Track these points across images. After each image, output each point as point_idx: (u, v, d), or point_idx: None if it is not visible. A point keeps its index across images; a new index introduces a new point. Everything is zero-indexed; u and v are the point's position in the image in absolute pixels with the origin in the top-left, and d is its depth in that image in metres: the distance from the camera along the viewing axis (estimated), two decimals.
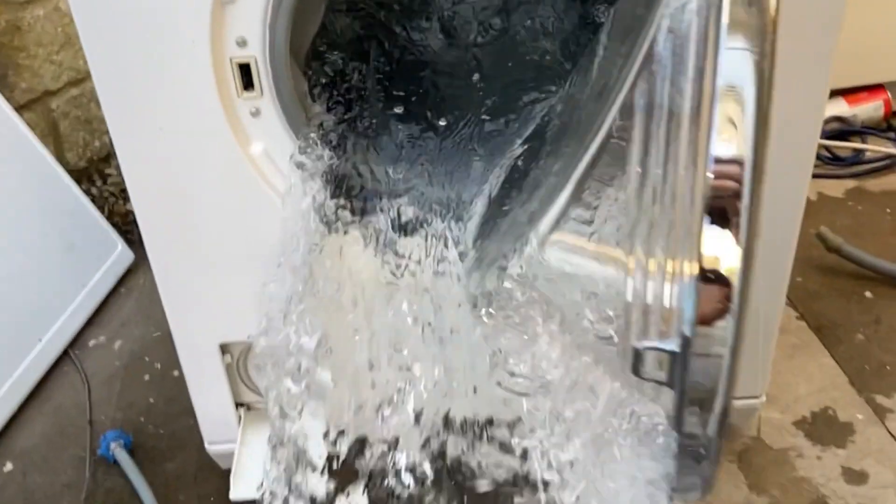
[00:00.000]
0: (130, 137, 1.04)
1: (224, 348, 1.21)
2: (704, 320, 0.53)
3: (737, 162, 0.56)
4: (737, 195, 0.56)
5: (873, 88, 2.21)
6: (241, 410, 1.28)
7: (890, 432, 1.40)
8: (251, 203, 1.08)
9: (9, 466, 1.44)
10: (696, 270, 0.53)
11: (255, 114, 1.03)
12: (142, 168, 1.06)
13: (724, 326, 0.54)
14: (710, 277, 0.54)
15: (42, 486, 1.41)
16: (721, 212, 0.55)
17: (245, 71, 1.01)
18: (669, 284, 0.60)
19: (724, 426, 0.57)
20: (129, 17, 0.95)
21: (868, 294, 1.69)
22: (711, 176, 0.55)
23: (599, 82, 0.87)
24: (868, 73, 2.20)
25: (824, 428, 1.41)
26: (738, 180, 0.56)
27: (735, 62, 0.55)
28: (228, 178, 1.06)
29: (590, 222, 0.76)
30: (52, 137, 2.04)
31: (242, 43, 0.99)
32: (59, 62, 2.03)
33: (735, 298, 0.54)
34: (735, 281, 0.54)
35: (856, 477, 1.32)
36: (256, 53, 1.00)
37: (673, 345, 0.56)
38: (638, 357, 0.59)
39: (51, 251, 1.68)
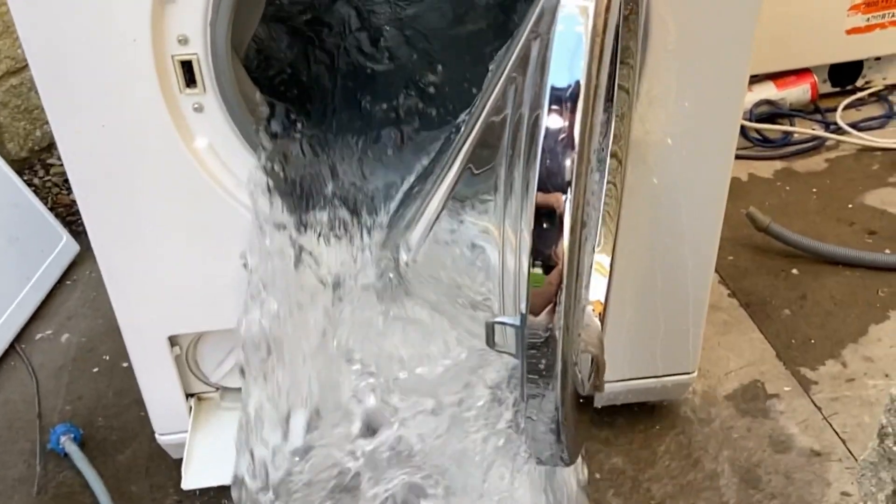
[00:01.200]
0: (73, 134, 1.05)
1: (172, 340, 1.23)
2: (536, 301, 0.57)
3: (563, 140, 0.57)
4: (562, 186, 0.57)
5: (800, 72, 2.30)
6: (192, 401, 1.31)
7: (814, 403, 1.48)
8: (196, 196, 1.10)
9: None
10: (528, 251, 0.57)
11: (199, 109, 1.05)
12: (85, 163, 1.07)
13: (555, 307, 0.57)
14: (539, 258, 0.56)
15: None
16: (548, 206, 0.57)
17: (187, 68, 1.02)
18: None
19: (564, 398, 0.61)
20: (68, 15, 0.96)
21: (795, 271, 1.78)
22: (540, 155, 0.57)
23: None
24: (795, 57, 2.28)
25: (753, 401, 1.49)
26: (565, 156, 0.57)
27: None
28: (173, 173, 1.08)
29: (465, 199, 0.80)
30: None
31: (184, 41, 1.00)
32: None
33: (562, 281, 0.57)
34: (561, 264, 0.56)
35: (783, 446, 1.40)
36: (198, 51, 1.01)
37: (516, 320, 0.60)
38: (490, 330, 0.63)
39: None
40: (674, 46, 1.05)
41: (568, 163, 0.54)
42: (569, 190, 0.54)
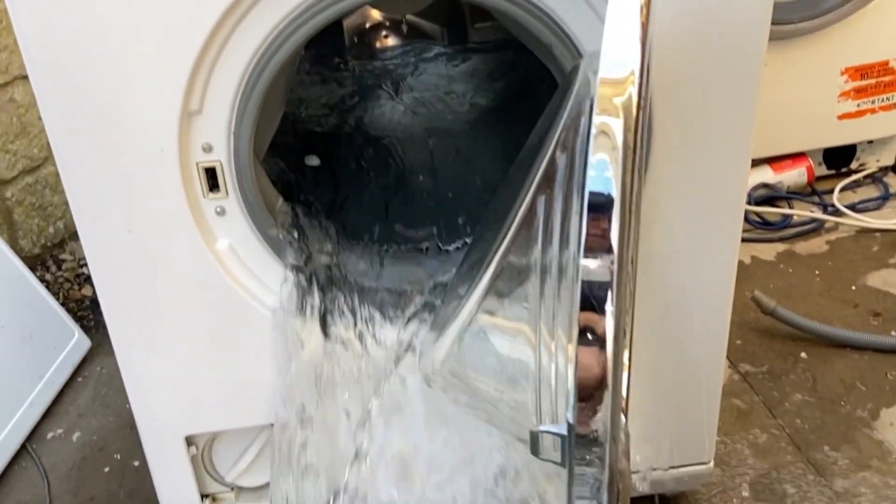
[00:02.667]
0: (99, 238, 1.07)
1: (189, 439, 1.23)
2: (583, 411, 0.58)
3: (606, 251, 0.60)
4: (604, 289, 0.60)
5: (796, 156, 2.36)
6: (206, 502, 1.30)
7: (832, 489, 1.47)
8: (216, 296, 1.12)
9: None
10: (572, 362, 0.58)
11: (221, 212, 1.09)
12: (109, 265, 1.09)
13: (603, 413, 0.59)
14: (584, 370, 0.58)
15: None
16: (590, 301, 0.59)
17: (211, 174, 1.06)
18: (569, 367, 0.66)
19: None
20: (100, 128, 1.00)
21: (803, 354, 1.79)
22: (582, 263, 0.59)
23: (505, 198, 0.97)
24: (790, 142, 2.34)
25: (770, 488, 1.48)
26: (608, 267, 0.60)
27: (599, 180, 0.61)
28: (194, 274, 1.10)
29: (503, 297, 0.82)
30: (7, 225, 2.05)
31: (208, 148, 1.04)
32: (14, 151, 2.05)
33: (609, 387, 0.59)
34: (606, 376, 0.58)
35: None
36: (221, 158, 1.05)
37: (562, 429, 0.61)
38: (535, 439, 0.64)
39: (8, 344, 1.68)
40: (677, 142, 1.09)
41: (608, 278, 0.56)
42: (610, 306, 0.56)
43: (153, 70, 0.98)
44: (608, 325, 0.56)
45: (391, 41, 1.75)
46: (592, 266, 0.56)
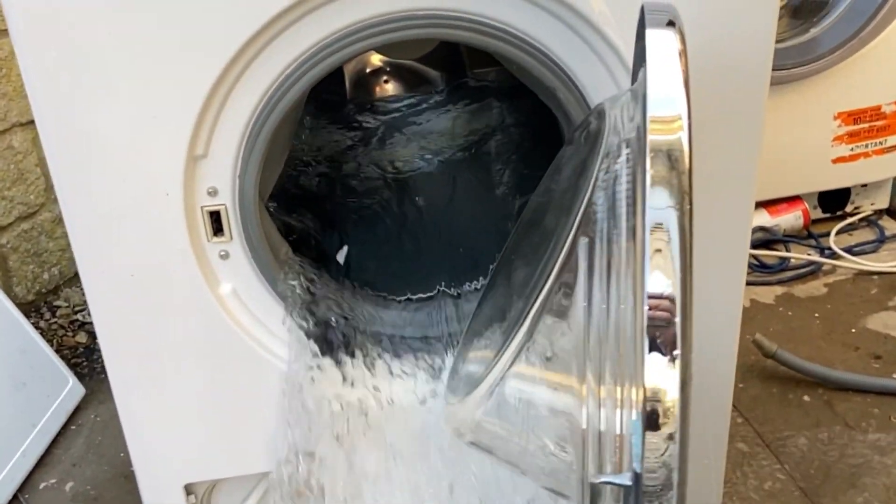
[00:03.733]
0: (101, 281, 1.06)
1: (188, 488, 1.20)
2: (651, 460, 0.57)
3: (667, 298, 0.60)
4: (670, 326, 0.60)
5: (792, 199, 2.37)
6: None
7: None
8: (219, 341, 1.11)
9: None
10: (639, 407, 0.58)
11: (225, 256, 1.08)
12: (110, 309, 1.08)
13: (670, 460, 0.58)
14: (653, 414, 0.58)
15: None
16: (658, 342, 0.59)
17: (215, 218, 1.06)
18: (619, 413, 0.65)
19: None
20: (105, 170, 1.00)
21: (806, 398, 1.78)
22: (648, 311, 0.59)
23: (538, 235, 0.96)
24: (785, 185, 2.36)
25: None
26: (671, 313, 0.60)
27: (660, 218, 0.61)
28: (196, 318, 1.09)
29: (546, 356, 0.81)
30: (1, 272, 2.03)
31: (213, 192, 1.04)
32: (10, 198, 2.04)
33: (678, 430, 0.58)
34: (675, 411, 0.58)
35: None
36: (226, 202, 1.05)
37: (626, 479, 0.60)
38: (595, 492, 0.63)
39: (1, 391, 1.65)
40: None
41: (675, 323, 0.56)
42: (678, 351, 0.56)
43: (159, 115, 0.98)
44: (676, 372, 0.56)
45: (391, 87, 1.77)
46: (658, 313, 0.56)
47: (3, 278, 2.04)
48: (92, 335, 2.11)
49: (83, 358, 2.03)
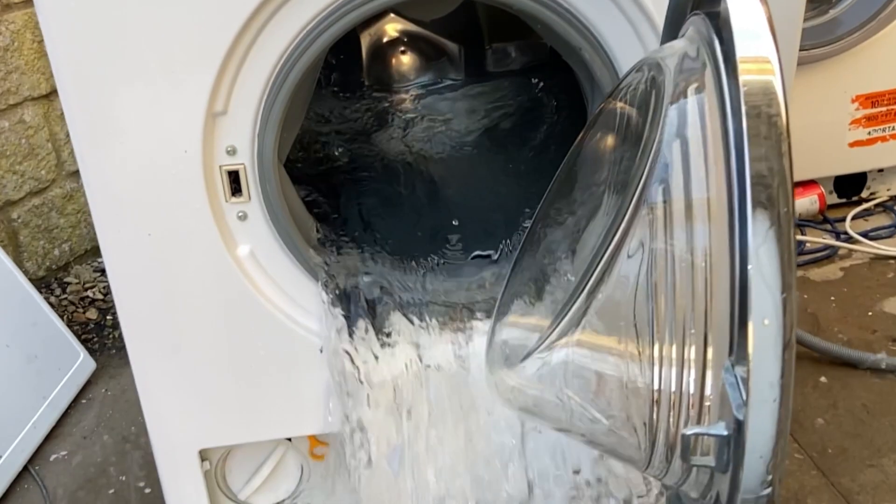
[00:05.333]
0: (118, 242, 1.05)
1: (203, 454, 1.19)
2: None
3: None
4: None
5: (808, 184, 2.35)
6: None
7: None
8: (236, 304, 1.09)
9: None
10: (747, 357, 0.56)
11: (242, 217, 1.06)
12: (127, 270, 1.07)
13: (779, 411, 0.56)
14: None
15: None
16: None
17: (234, 177, 1.04)
18: (701, 373, 0.64)
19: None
20: (124, 126, 0.98)
21: (823, 379, 1.76)
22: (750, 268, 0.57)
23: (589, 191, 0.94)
24: (801, 169, 2.33)
25: None
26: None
27: (761, 166, 0.59)
28: (213, 280, 1.08)
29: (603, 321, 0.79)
30: (12, 247, 2.02)
31: (232, 151, 1.02)
32: (21, 172, 2.03)
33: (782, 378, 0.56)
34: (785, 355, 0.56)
35: None
36: (245, 161, 1.03)
37: (722, 429, 0.59)
38: (687, 442, 0.62)
39: (12, 363, 1.64)
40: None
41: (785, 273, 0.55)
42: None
43: (180, 70, 0.96)
44: (784, 313, 0.54)
45: (408, 59, 1.75)
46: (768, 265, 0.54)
47: (13, 253, 2.03)
48: (102, 312, 2.10)
49: (93, 334, 2.02)
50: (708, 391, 0.65)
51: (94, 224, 1.04)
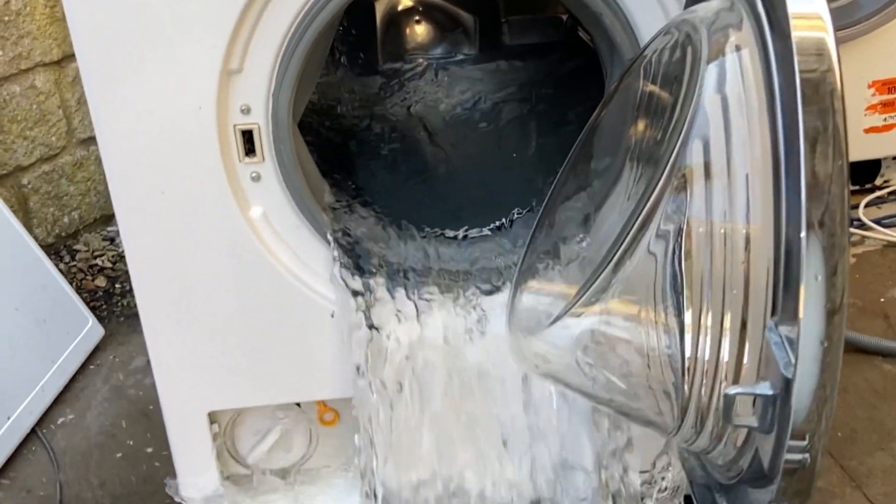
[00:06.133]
0: (131, 200, 1.04)
1: (212, 417, 1.19)
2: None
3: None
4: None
5: None
6: (227, 484, 1.25)
7: (868, 498, 1.42)
8: (248, 266, 1.09)
9: None
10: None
11: (256, 178, 1.06)
12: (140, 230, 1.06)
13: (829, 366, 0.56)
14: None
15: None
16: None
17: (248, 137, 1.03)
18: (739, 336, 0.63)
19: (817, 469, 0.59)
20: (139, 82, 0.97)
21: None
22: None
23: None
24: None
25: None
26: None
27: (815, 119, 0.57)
28: (226, 241, 1.07)
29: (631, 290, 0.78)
30: (22, 213, 2.02)
31: (247, 110, 1.02)
32: (32, 138, 2.03)
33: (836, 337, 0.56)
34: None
35: None
36: (259, 121, 1.02)
37: (766, 388, 0.58)
38: (730, 402, 0.61)
39: (21, 326, 1.64)
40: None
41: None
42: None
43: (196, 25, 0.95)
44: (837, 271, 0.54)
45: (422, 28, 1.74)
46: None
47: (23, 219, 2.03)
48: (111, 280, 2.10)
49: (102, 301, 2.02)
50: (745, 355, 0.64)
51: (108, 180, 1.04)
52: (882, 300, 1.96)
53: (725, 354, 0.65)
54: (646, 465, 1.17)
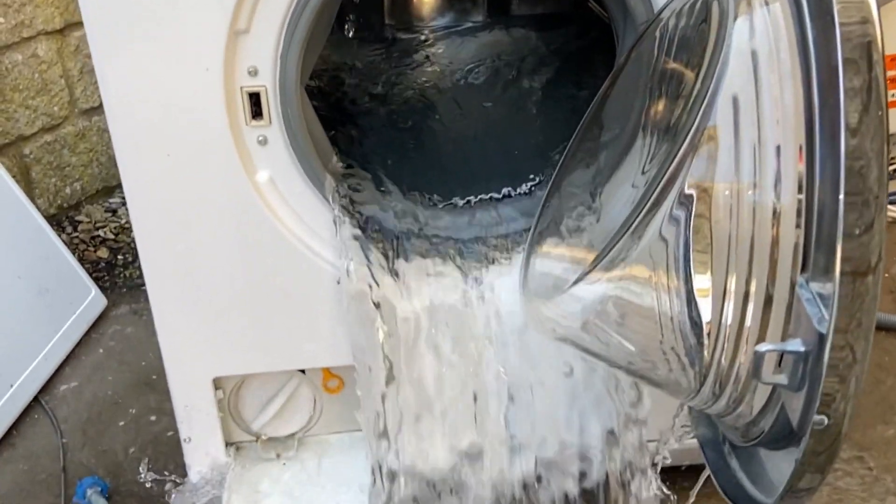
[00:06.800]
0: (137, 162, 1.03)
1: (217, 383, 1.19)
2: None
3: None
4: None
5: None
6: (231, 451, 1.25)
7: (871, 469, 1.43)
8: (254, 231, 1.08)
9: None
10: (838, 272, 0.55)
11: (263, 142, 1.05)
12: (146, 193, 1.05)
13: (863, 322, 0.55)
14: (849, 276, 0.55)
15: None
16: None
17: (255, 100, 1.02)
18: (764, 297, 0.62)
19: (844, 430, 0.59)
20: (145, 43, 0.96)
21: None
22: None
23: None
24: None
25: None
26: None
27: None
28: (232, 205, 1.06)
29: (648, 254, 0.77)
30: (24, 183, 2.01)
31: (254, 72, 1.00)
32: (34, 107, 2.01)
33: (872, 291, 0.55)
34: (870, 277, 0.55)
35: None
36: (267, 83, 1.01)
37: (798, 345, 0.58)
38: (759, 360, 0.60)
39: (24, 295, 1.64)
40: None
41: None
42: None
43: None
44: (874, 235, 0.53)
45: (430, 1, 1.72)
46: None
47: (25, 189, 2.01)
48: (113, 251, 2.10)
49: (104, 272, 2.02)
50: (771, 317, 0.64)
51: (114, 143, 1.03)
52: (886, 275, 1.96)
53: (749, 318, 0.65)
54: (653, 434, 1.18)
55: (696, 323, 0.69)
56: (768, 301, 0.64)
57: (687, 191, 0.68)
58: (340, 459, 1.23)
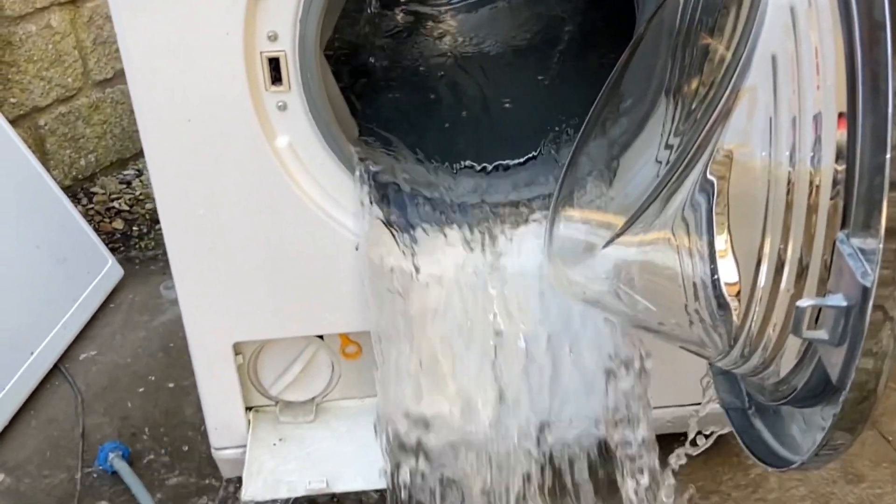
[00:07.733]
0: (158, 127, 1.04)
1: (237, 348, 1.20)
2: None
3: None
4: None
5: None
6: (250, 414, 1.27)
7: (883, 435, 1.44)
8: (274, 197, 1.09)
9: (2, 478, 1.39)
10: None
11: (282, 108, 1.05)
12: (166, 158, 1.06)
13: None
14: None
15: (36, 499, 1.36)
16: None
17: (274, 65, 1.02)
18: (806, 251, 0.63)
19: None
20: (166, 8, 0.96)
21: None
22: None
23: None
24: None
25: None
26: None
27: None
28: (251, 170, 1.07)
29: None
30: (39, 154, 2.02)
31: (273, 37, 1.01)
32: (48, 79, 2.02)
33: None
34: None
35: (854, 478, 1.36)
36: (286, 48, 1.01)
37: (840, 300, 0.58)
38: (800, 316, 0.60)
39: (42, 264, 1.65)
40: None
41: None
42: None
43: None
44: None
45: None
46: None
47: (41, 161, 2.02)
48: (128, 223, 2.11)
49: (120, 244, 2.03)
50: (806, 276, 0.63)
51: (134, 108, 1.03)
52: None
53: (784, 280, 0.65)
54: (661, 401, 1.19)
55: (722, 286, 0.69)
56: (803, 263, 0.64)
57: (720, 154, 0.68)
58: (360, 423, 1.24)
